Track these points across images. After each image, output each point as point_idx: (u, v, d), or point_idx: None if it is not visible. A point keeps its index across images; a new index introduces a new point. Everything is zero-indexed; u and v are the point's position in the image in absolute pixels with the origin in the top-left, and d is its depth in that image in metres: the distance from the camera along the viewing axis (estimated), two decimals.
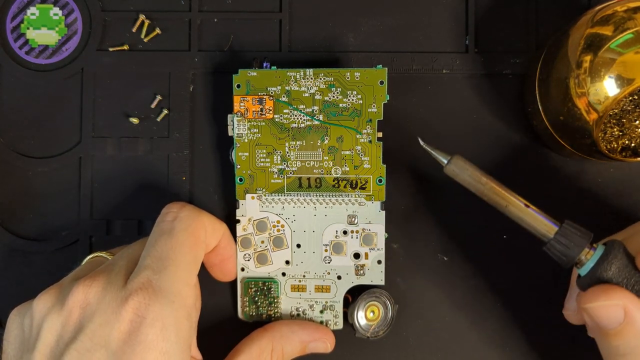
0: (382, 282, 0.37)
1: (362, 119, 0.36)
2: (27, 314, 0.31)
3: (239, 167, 0.37)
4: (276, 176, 0.37)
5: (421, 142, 0.34)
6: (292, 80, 0.36)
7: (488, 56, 0.39)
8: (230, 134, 0.37)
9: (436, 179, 0.38)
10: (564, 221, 0.31)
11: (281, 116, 0.36)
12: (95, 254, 0.35)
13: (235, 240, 0.37)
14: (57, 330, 0.30)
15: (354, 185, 0.36)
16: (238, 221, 0.37)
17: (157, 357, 0.29)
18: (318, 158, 0.36)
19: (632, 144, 0.34)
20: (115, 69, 0.39)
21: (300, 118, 0.36)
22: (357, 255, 0.37)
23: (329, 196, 0.36)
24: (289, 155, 0.36)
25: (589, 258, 0.30)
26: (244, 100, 0.36)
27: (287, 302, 0.37)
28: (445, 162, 0.33)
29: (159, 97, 0.39)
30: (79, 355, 0.29)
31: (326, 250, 0.37)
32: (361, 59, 0.39)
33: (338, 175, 0.36)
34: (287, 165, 0.36)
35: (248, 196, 0.37)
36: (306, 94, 0.36)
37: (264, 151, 0.36)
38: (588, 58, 0.32)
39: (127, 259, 0.32)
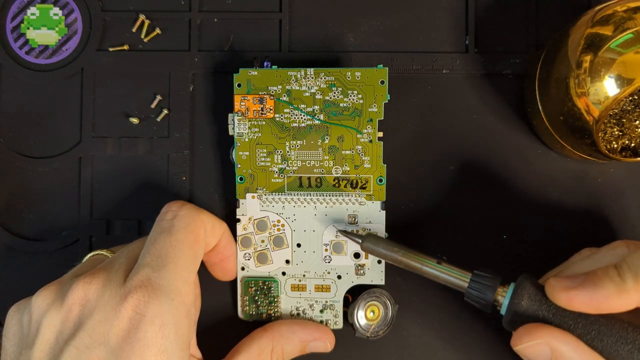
0: (382, 282, 0.37)
1: (363, 119, 0.36)
2: (25, 310, 0.31)
3: (239, 166, 0.37)
4: (276, 175, 0.37)
5: (337, 232, 0.37)
6: (293, 80, 0.36)
7: (488, 56, 0.39)
8: (230, 133, 0.37)
9: (436, 179, 0.38)
10: (473, 270, 0.33)
11: (282, 115, 0.36)
12: (96, 252, 0.35)
13: (236, 240, 0.37)
14: (57, 326, 0.30)
15: (354, 185, 0.36)
16: (238, 220, 0.37)
17: (156, 355, 0.29)
18: (318, 157, 0.36)
19: (632, 144, 0.34)
20: (115, 69, 0.39)
21: (301, 117, 0.36)
22: (357, 255, 0.37)
23: (330, 196, 0.36)
24: (289, 155, 0.36)
25: (504, 297, 0.32)
26: (244, 99, 0.36)
27: (287, 302, 0.37)
28: (360, 241, 0.34)
29: (159, 97, 0.39)
30: (78, 352, 0.29)
31: (326, 250, 0.37)
32: (361, 59, 0.39)
33: (338, 175, 0.36)
34: (287, 165, 0.36)
35: (248, 195, 0.37)
36: (307, 94, 0.36)
37: (265, 150, 0.36)
38: (588, 58, 0.32)
39: (127, 257, 0.32)
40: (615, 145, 0.34)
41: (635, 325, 0.30)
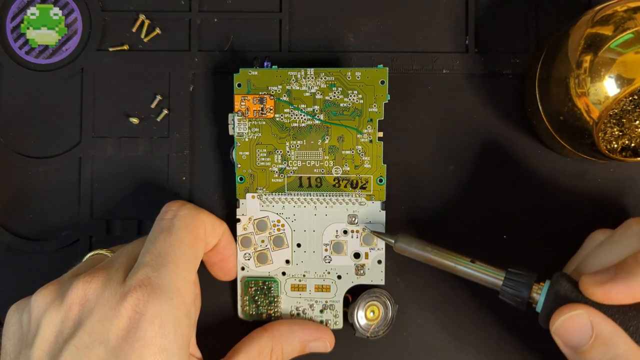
0: (382, 282, 0.37)
1: (363, 119, 0.36)
2: (25, 310, 0.31)
3: (239, 166, 0.37)
4: (277, 175, 0.37)
5: (369, 230, 0.36)
6: (293, 80, 0.36)
7: (488, 56, 0.39)
8: (230, 133, 0.37)
9: (436, 179, 0.38)
10: (507, 268, 0.33)
11: (282, 115, 0.36)
12: (96, 252, 0.35)
13: (236, 240, 0.37)
14: (56, 326, 0.30)
15: (354, 185, 0.36)
16: (238, 220, 0.37)
17: (155, 354, 0.29)
18: (319, 157, 0.36)
19: (632, 144, 0.34)
20: (115, 69, 0.39)
21: (301, 117, 0.36)
22: (357, 255, 0.37)
23: (330, 196, 0.36)
24: (289, 155, 0.36)
25: (540, 294, 0.32)
26: (244, 99, 0.36)
27: (287, 302, 0.37)
28: (394, 241, 0.35)
29: (159, 97, 0.39)
30: (77, 352, 0.29)
31: (326, 250, 0.37)
32: (361, 59, 0.39)
33: (338, 175, 0.36)
34: (287, 165, 0.36)
35: (248, 195, 0.37)
36: (307, 94, 0.36)
37: (265, 150, 0.36)
38: (588, 58, 0.32)
39: (127, 256, 0.32)
40: (615, 145, 0.34)
41: None
